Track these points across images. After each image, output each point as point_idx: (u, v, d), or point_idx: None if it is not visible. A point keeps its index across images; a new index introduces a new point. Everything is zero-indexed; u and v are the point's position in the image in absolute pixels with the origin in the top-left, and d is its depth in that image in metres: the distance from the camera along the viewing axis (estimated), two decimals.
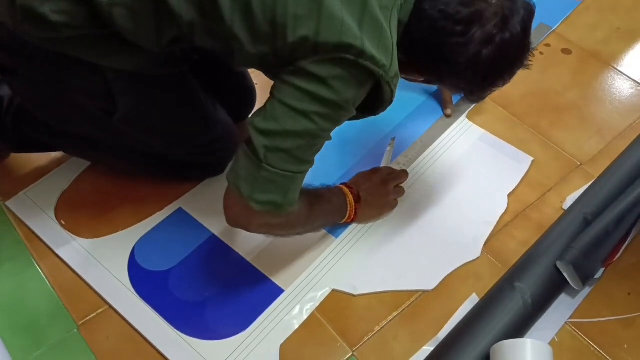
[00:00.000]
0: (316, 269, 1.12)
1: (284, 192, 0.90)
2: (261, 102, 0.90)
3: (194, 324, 1.06)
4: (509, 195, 1.24)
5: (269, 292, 1.10)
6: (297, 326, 1.06)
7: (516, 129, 1.36)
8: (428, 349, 1.03)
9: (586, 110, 1.41)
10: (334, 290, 1.10)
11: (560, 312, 1.07)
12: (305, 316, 1.07)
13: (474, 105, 1.40)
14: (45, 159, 1.29)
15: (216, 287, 1.11)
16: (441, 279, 1.12)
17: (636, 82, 1.47)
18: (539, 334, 1.04)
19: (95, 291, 1.10)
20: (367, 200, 1.15)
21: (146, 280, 1.11)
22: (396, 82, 0.88)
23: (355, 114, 0.91)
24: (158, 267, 1.13)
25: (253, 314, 1.07)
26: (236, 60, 0.92)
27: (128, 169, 1.25)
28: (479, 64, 0.87)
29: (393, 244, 1.16)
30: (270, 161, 0.87)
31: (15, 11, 0.88)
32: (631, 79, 1.47)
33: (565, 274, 1.06)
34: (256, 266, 1.13)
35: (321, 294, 1.10)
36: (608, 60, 1.52)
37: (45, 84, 1.02)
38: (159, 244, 1.16)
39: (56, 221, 1.20)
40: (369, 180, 1.18)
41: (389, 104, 0.93)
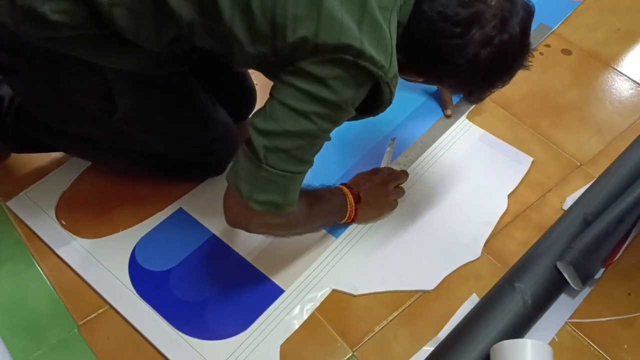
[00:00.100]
0: (316, 269, 1.13)
1: (283, 192, 0.90)
2: (261, 103, 0.90)
3: (194, 324, 1.06)
4: (509, 196, 1.24)
5: (269, 292, 1.10)
6: (297, 326, 1.06)
7: (516, 130, 1.36)
8: (428, 349, 1.03)
9: (586, 110, 1.41)
10: (334, 290, 1.11)
11: (560, 312, 1.07)
12: (306, 316, 1.07)
13: (474, 106, 1.40)
14: (46, 159, 1.29)
15: (216, 287, 1.11)
16: (441, 279, 1.12)
17: (636, 82, 1.47)
18: (539, 334, 1.04)
19: (95, 291, 1.10)
20: (367, 200, 1.15)
21: (147, 280, 1.12)
22: (395, 83, 0.88)
23: (355, 115, 0.91)
24: (158, 267, 1.13)
25: (253, 314, 1.07)
26: (236, 61, 0.92)
27: (128, 169, 1.25)
28: (478, 65, 0.87)
29: (393, 244, 1.16)
30: (270, 161, 0.87)
31: (15, 11, 0.88)
32: (631, 79, 1.47)
33: (565, 274, 1.06)
34: (256, 266, 1.13)
35: (321, 294, 1.10)
36: (608, 60, 1.52)
37: (45, 84, 1.02)
38: (159, 244, 1.16)
39: (57, 221, 1.20)
40: (369, 180, 1.18)
41: (388, 104, 0.93)
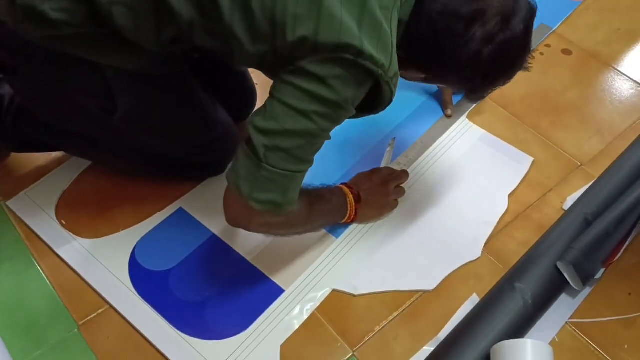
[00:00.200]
0: (316, 269, 1.12)
1: (283, 191, 0.90)
2: (261, 102, 0.90)
3: (194, 323, 1.06)
4: (509, 196, 1.24)
5: (269, 292, 1.10)
6: (297, 326, 1.06)
7: (516, 129, 1.36)
8: (428, 349, 1.03)
9: (586, 110, 1.41)
10: (334, 290, 1.10)
11: (561, 312, 1.07)
12: (306, 316, 1.07)
13: (474, 106, 1.40)
14: (46, 158, 1.29)
15: (216, 287, 1.11)
16: (441, 279, 1.12)
17: (636, 82, 1.47)
18: (539, 334, 1.04)
19: (95, 291, 1.10)
20: (368, 200, 1.15)
21: (147, 280, 1.11)
22: (396, 82, 0.88)
23: (355, 113, 0.91)
24: (158, 267, 1.13)
25: (253, 313, 1.07)
26: (236, 60, 0.92)
27: (128, 168, 1.25)
28: (480, 62, 0.87)
29: (393, 244, 1.16)
30: (270, 160, 0.87)
31: (15, 10, 0.88)
32: (631, 79, 1.47)
33: (565, 274, 1.06)
34: (256, 266, 1.13)
35: (321, 294, 1.10)
36: (608, 60, 1.52)
37: (45, 83, 1.02)
38: (159, 244, 1.16)
39: (57, 221, 1.20)
40: (369, 180, 1.18)
41: (388, 103, 0.93)
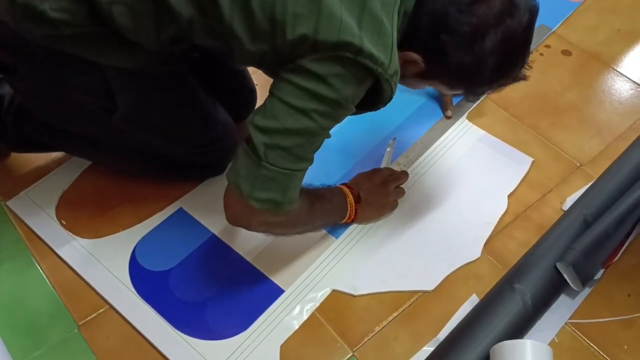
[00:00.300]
0: (316, 269, 1.12)
1: (283, 190, 0.90)
2: (261, 102, 0.89)
3: (194, 324, 1.06)
4: (509, 196, 1.24)
5: (269, 292, 1.10)
6: (297, 326, 1.06)
7: (516, 130, 1.36)
8: (428, 349, 1.03)
9: (586, 111, 1.41)
10: (334, 291, 1.10)
11: (560, 313, 1.07)
12: (306, 316, 1.07)
13: (474, 106, 1.40)
14: (46, 158, 1.29)
15: (216, 287, 1.11)
16: (441, 279, 1.12)
17: (636, 83, 1.47)
18: (539, 334, 1.04)
19: (95, 291, 1.10)
20: (368, 200, 1.15)
21: (147, 280, 1.12)
22: (396, 80, 0.88)
23: (355, 111, 0.91)
24: (159, 267, 1.13)
25: (253, 314, 1.07)
26: (236, 59, 0.92)
27: (128, 168, 1.25)
28: (478, 55, 0.86)
29: (393, 245, 1.16)
30: (270, 159, 0.87)
31: (15, 9, 0.88)
32: (631, 80, 1.47)
33: (565, 275, 1.06)
34: (256, 266, 1.13)
35: (321, 294, 1.10)
36: (608, 61, 1.52)
37: (45, 82, 1.02)
38: (159, 244, 1.16)
39: (57, 221, 1.20)
40: (369, 180, 1.18)
41: (388, 100, 0.93)
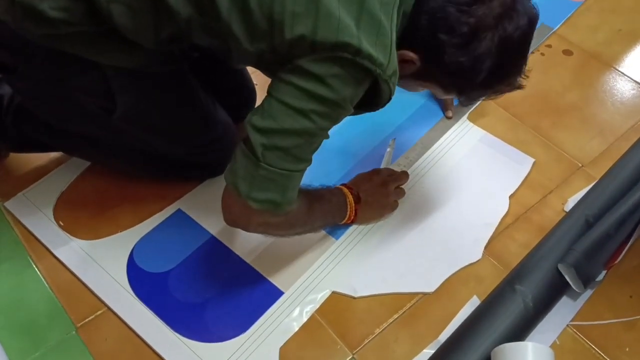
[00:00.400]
0: (316, 270, 1.12)
1: (282, 190, 0.90)
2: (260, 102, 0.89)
3: (193, 326, 1.06)
4: (510, 197, 1.24)
5: (268, 294, 1.09)
6: (296, 328, 1.06)
7: (517, 130, 1.36)
8: (429, 351, 1.02)
9: (587, 111, 1.41)
10: (334, 293, 1.10)
11: (562, 314, 1.06)
12: (305, 318, 1.07)
13: (475, 107, 1.39)
14: (45, 159, 1.29)
15: (215, 289, 1.10)
16: (442, 281, 1.11)
17: (637, 83, 1.46)
18: (540, 336, 1.03)
19: (93, 293, 1.10)
20: (367, 201, 1.15)
21: (145, 282, 1.11)
22: (394, 80, 0.87)
23: (354, 111, 0.90)
24: (157, 268, 1.13)
25: (252, 316, 1.07)
26: (234, 58, 0.92)
27: (128, 168, 1.25)
28: (475, 58, 0.85)
29: (393, 246, 1.16)
30: (268, 159, 0.86)
31: (15, 9, 0.88)
32: (633, 80, 1.47)
33: (566, 277, 1.05)
34: (256, 268, 1.13)
35: (321, 296, 1.09)
36: (609, 61, 1.51)
37: (45, 82, 1.02)
38: (157, 246, 1.16)
39: (54, 222, 1.19)
40: (369, 181, 1.18)
41: (387, 101, 0.92)
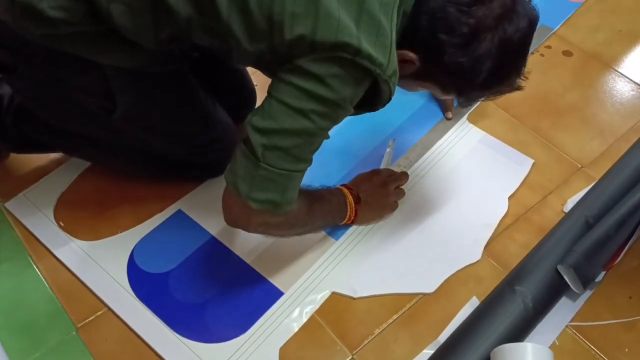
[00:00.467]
0: (316, 271, 1.12)
1: (282, 190, 0.90)
2: (261, 103, 0.89)
3: (193, 326, 1.06)
4: (510, 198, 1.24)
5: (268, 294, 1.09)
6: (296, 329, 1.06)
7: (517, 131, 1.36)
8: (428, 352, 1.03)
9: (587, 112, 1.41)
10: (333, 293, 1.10)
11: (561, 315, 1.07)
12: (305, 319, 1.07)
13: (474, 107, 1.39)
14: (45, 159, 1.29)
15: (215, 290, 1.10)
16: (441, 281, 1.11)
17: (637, 84, 1.46)
18: (539, 337, 1.03)
19: (93, 293, 1.10)
20: (367, 201, 1.15)
21: (145, 283, 1.11)
22: (394, 81, 0.87)
23: (353, 112, 0.90)
24: (157, 269, 1.13)
25: (252, 316, 1.07)
26: (234, 58, 0.92)
27: (128, 168, 1.25)
28: (474, 59, 0.85)
29: (393, 247, 1.16)
30: (268, 160, 0.86)
31: (14, 9, 0.88)
32: (633, 81, 1.47)
33: (566, 277, 1.05)
34: (256, 268, 1.13)
35: (321, 297, 1.09)
36: (609, 62, 1.51)
37: (45, 82, 1.02)
38: (158, 246, 1.16)
39: (55, 222, 1.19)
40: (369, 181, 1.18)
41: (387, 101, 0.92)
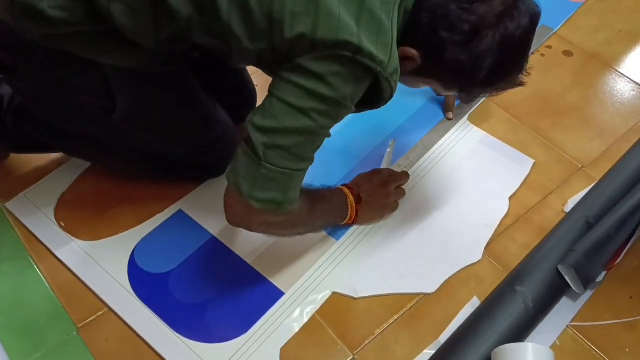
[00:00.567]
0: (317, 271, 1.12)
1: (284, 189, 0.90)
2: (261, 103, 0.89)
3: (194, 326, 1.06)
4: (510, 198, 1.24)
5: (269, 294, 1.09)
6: (297, 329, 1.06)
7: (517, 131, 1.36)
8: (429, 352, 1.03)
9: (588, 112, 1.41)
10: (334, 293, 1.10)
11: (562, 315, 1.07)
12: (306, 319, 1.07)
13: (475, 108, 1.39)
14: (45, 159, 1.29)
15: (216, 290, 1.10)
16: (442, 282, 1.11)
17: (637, 84, 1.46)
18: (540, 337, 1.03)
19: (94, 293, 1.10)
20: (368, 201, 1.15)
21: (146, 283, 1.11)
22: (396, 79, 0.87)
23: (355, 110, 0.90)
24: (158, 269, 1.13)
25: (253, 316, 1.07)
26: (234, 57, 0.92)
27: (128, 168, 1.25)
28: (476, 55, 0.85)
29: (394, 247, 1.16)
30: (270, 159, 0.86)
31: (14, 8, 0.88)
32: (633, 81, 1.47)
33: (566, 278, 1.05)
34: (256, 268, 1.13)
35: (322, 297, 1.09)
36: (609, 62, 1.51)
37: (45, 82, 1.01)
38: (158, 246, 1.16)
39: (55, 222, 1.19)
40: (370, 181, 1.18)
41: (388, 99, 0.92)
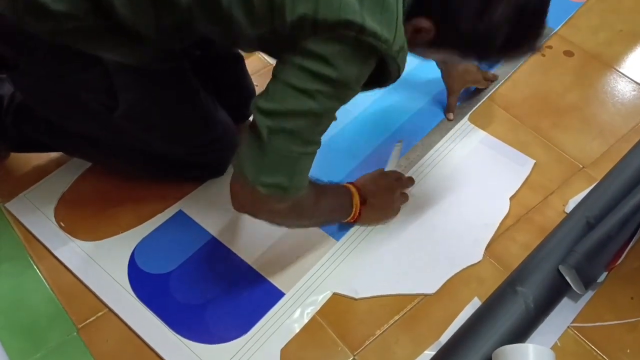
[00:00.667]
0: (317, 272, 1.12)
1: (290, 174, 0.88)
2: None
3: (194, 327, 1.05)
4: (511, 198, 1.23)
5: (269, 295, 1.09)
6: (297, 330, 1.06)
7: (518, 132, 1.36)
8: (430, 353, 1.03)
9: (588, 112, 1.40)
10: (335, 294, 1.10)
11: (563, 316, 1.06)
12: (306, 320, 1.07)
13: (475, 108, 1.39)
14: (45, 159, 1.29)
15: (216, 290, 1.10)
16: (443, 282, 1.11)
17: (638, 84, 1.46)
18: (541, 338, 1.03)
19: (94, 294, 1.10)
20: (372, 203, 1.14)
21: (146, 283, 1.11)
22: (402, 56, 0.85)
23: (360, 91, 0.88)
24: (158, 270, 1.13)
25: (254, 317, 1.07)
26: (236, 43, 0.92)
27: (128, 168, 1.25)
28: (493, 21, 0.82)
29: (394, 247, 1.16)
30: (275, 142, 0.85)
31: (16, 2, 0.88)
32: (634, 81, 1.47)
33: (567, 278, 1.05)
34: (257, 269, 1.13)
35: (322, 298, 1.09)
36: (610, 62, 1.51)
37: (46, 78, 1.01)
38: (158, 247, 1.16)
39: (55, 223, 1.19)
40: (376, 184, 1.17)
41: (397, 77, 0.90)
